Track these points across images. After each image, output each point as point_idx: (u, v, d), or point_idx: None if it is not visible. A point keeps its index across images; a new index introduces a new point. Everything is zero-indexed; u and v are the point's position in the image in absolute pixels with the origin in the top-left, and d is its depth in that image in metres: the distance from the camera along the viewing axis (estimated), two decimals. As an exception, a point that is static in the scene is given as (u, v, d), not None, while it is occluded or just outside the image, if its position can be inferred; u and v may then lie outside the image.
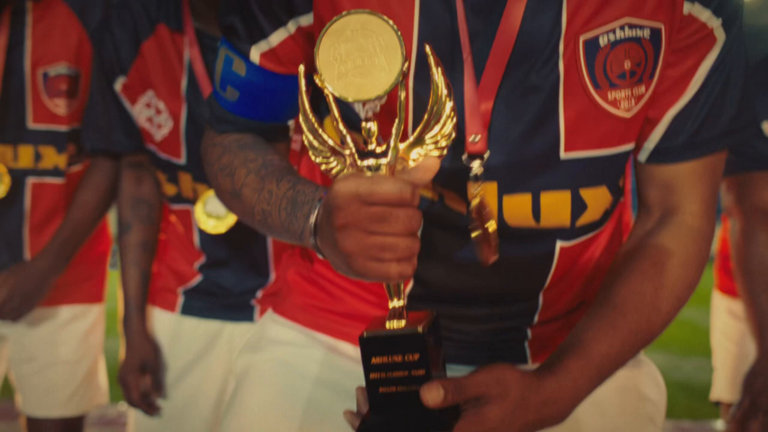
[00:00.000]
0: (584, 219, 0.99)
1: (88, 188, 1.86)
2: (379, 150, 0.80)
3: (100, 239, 2.01)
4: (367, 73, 0.77)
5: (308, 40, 0.96)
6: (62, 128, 1.85)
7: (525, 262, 1.00)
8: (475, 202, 0.91)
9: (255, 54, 0.97)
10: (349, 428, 0.97)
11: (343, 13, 0.79)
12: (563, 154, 0.94)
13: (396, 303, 0.82)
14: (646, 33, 0.91)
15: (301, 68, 0.84)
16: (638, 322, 0.93)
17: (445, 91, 0.79)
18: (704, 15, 0.92)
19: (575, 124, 0.92)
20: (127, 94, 1.75)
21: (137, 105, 1.76)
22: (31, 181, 1.85)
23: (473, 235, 0.91)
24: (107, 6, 1.84)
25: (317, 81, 0.79)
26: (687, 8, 0.91)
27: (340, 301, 1.07)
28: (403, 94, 0.80)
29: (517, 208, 0.95)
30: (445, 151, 0.81)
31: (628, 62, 0.91)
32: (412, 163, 0.81)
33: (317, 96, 1.01)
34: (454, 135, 0.81)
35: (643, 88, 0.93)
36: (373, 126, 0.80)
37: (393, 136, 0.80)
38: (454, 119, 0.80)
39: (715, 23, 0.93)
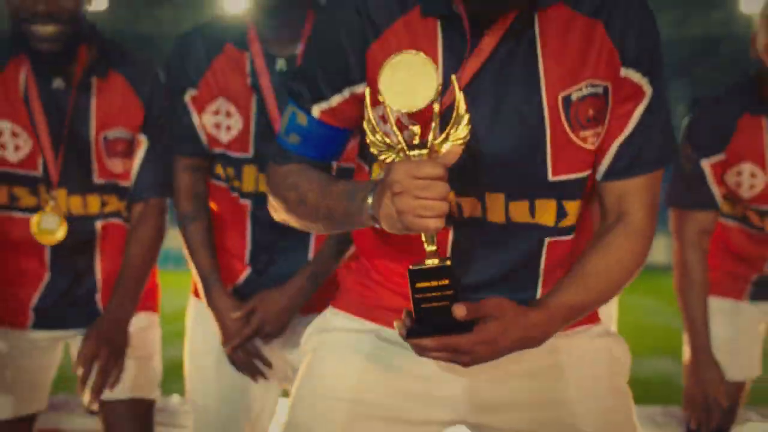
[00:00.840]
0: (564, 222, 1.39)
1: (139, 242, 2.21)
2: (419, 143, 1.20)
3: None
4: (414, 93, 1.16)
5: (357, 102, 1.35)
6: (120, 182, 2.22)
7: (523, 250, 1.38)
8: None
9: (316, 111, 1.38)
10: (390, 380, 1.41)
11: (399, 53, 1.18)
12: (551, 178, 1.33)
13: (431, 248, 1.21)
14: (600, 90, 1.31)
15: (367, 98, 1.23)
16: (597, 285, 1.36)
17: (464, 108, 1.18)
18: (635, 76, 1.34)
19: (558, 155, 1.33)
20: (195, 105, 2.13)
21: (205, 114, 2.12)
22: (99, 224, 2.23)
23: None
24: (156, 76, 2.22)
25: (380, 98, 1.18)
26: (623, 72, 1.34)
27: (383, 298, 1.46)
28: (437, 107, 1.18)
29: (519, 209, 1.36)
30: (463, 146, 1.20)
31: (591, 110, 1.32)
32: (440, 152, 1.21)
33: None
34: (468, 137, 1.20)
35: (600, 128, 1.35)
36: (417, 129, 1.19)
37: (432, 135, 1.19)
38: (469, 126, 1.19)
39: (643, 81, 1.35)
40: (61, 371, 2.41)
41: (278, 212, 1.47)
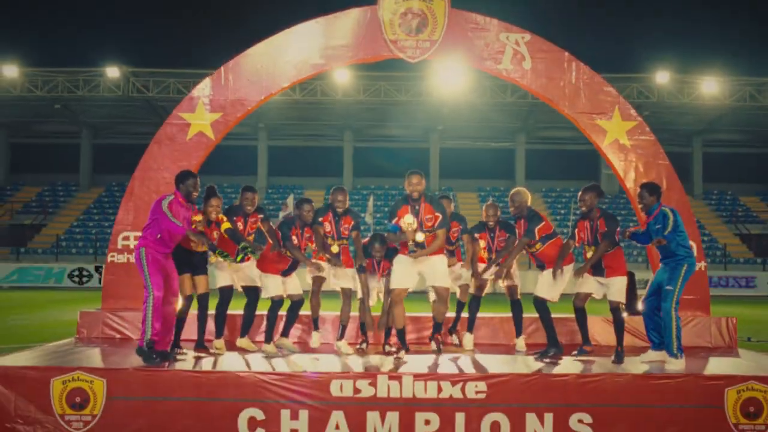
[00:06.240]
0: (427, 235, 8.67)
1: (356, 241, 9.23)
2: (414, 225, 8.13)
3: None
4: (414, 221, 8.08)
5: (397, 220, 8.66)
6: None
7: (421, 242, 8.64)
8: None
9: (392, 222, 8.62)
10: (407, 264, 8.74)
11: (409, 214, 8.26)
12: (423, 230, 8.71)
13: (416, 238, 8.52)
14: (432, 216, 8.67)
15: (405, 219, 8.31)
16: (433, 247, 8.72)
17: (416, 222, 8.38)
18: (437, 213, 8.66)
19: (424, 224, 8.70)
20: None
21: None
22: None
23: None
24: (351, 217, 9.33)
25: (405, 220, 8.13)
26: (435, 213, 8.68)
27: (403, 249, 8.77)
28: (415, 221, 8.13)
29: (420, 236, 8.65)
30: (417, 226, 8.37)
31: (429, 221, 8.67)
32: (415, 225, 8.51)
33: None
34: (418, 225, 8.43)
35: (433, 222, 8.72)
36: (413, 224, 8.15)
37: (415, 225, 8.17)
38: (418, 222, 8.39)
39: (438, 214, 8.65)
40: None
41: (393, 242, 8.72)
